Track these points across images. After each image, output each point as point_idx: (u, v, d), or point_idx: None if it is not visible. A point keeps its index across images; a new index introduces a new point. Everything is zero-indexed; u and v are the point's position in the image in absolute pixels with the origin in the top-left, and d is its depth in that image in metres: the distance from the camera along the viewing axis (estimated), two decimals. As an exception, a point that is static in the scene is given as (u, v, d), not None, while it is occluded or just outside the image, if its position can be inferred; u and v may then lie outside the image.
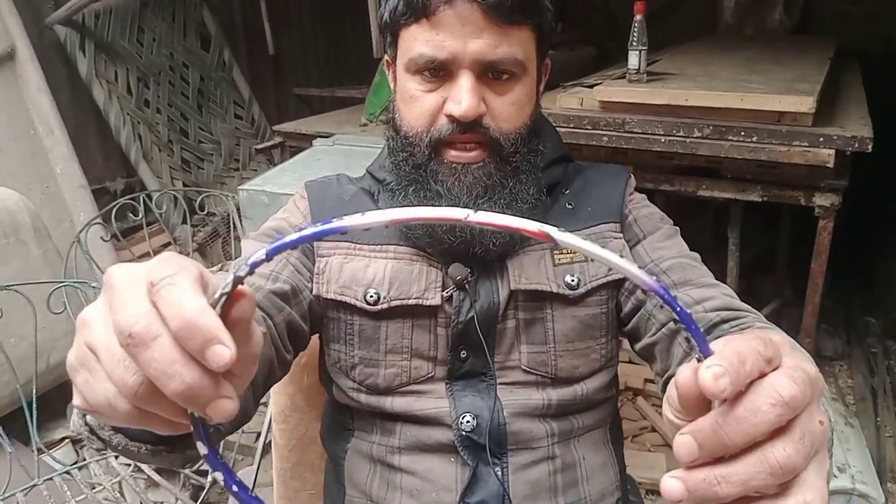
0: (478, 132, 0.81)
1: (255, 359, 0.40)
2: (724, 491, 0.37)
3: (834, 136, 1.92)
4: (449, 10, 0.77)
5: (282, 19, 4.22)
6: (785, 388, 0.37)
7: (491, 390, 0.89)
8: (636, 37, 2.22)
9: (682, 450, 0.38)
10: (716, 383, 0.36)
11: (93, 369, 0.38)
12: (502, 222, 0.38)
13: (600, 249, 0.37)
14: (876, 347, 2.86)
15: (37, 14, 3.03)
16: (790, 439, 0.37)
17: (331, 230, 0.38)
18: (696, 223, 3.22)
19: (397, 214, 0.38)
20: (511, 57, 0.80)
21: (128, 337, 0.35)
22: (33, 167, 2.72)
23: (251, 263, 0.38)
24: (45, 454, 1.75)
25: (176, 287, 0.36)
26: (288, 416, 1.13)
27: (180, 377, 0.35)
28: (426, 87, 0.82)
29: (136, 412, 0.38)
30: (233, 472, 0.41)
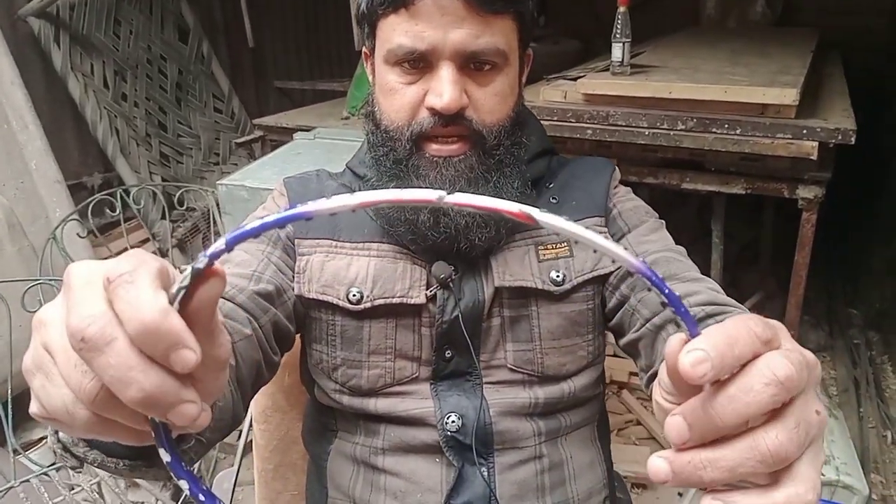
0: (460, 125, 0.79)
1: (221, 364, 0.38)
2: (709, 475, 0.36)
3: (817, 129, 1.92)
4: (428, 0, 0.75)
5: (262, 11, 4.18)
6: (780, 367, 0.35)
7: (477, 390, 0.87)
8: (619, 29, 2.20)
9: (673, 431, 0.36)
10: (693, 369, 0.34)
11: (49, 373, 0.36)
12: (480, 203, 0.36)
13: (584, 230, 0.36)
14: (858, 339, 2.89)
15: (10, 5, 2.96)
16: (784, 426, 0.36)
17: (295, 216, 0.36)
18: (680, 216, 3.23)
19: (365, 198, 0.36)
20: (493, 47, 0.78)
21: (80, 341, 0.33)
22: (7, 162, 2.66)
23: (210, 254, 0.35)
24: (22, 455, 1.71)
25: (134, 285, 0.34)
26: (269, 416, 1.11)
27: (138, 384, 0.33)
28: (406, 79, 0.80)
29: (95, 420, 0.36)
30: (198, 480, 0.39)
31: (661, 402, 0.40)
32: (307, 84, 4.33)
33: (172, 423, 0.35)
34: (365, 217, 0.89)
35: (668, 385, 0.39)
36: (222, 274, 0.36)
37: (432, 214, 0.80)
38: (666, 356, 0.37)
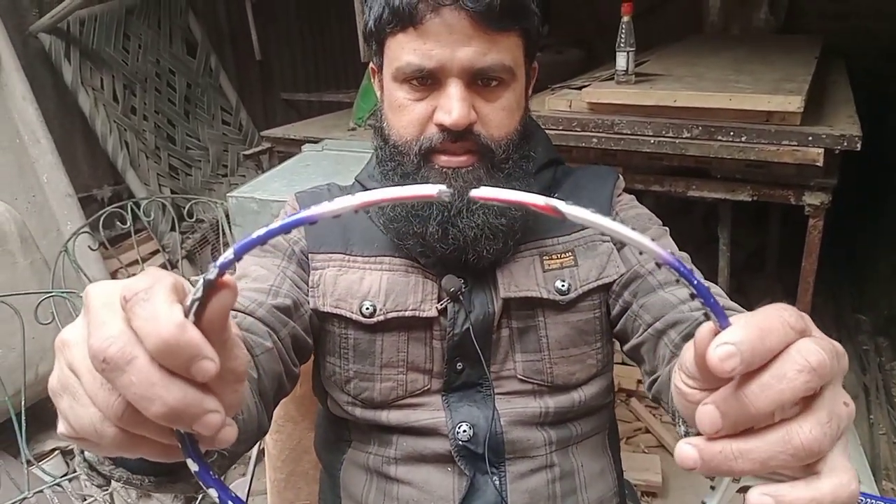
0: (469, 140, 0.80)
1: (239, 377, 0.38)
2: (740, 466, 0.36)
3: (822, 135, 1.93)
4: (436, 19, 0.76)
5: (268, 24, 4.21)
6: (812, 353, 0.35)
7: (488, 401, 0.88)
8: (623, 38, 2.22)
9: (706, 420, 0.36)
10: (722, 364, 0.34)
11: (75, 393, 0.37)
12: (505, 196, 0.36)
13: (610, 222, 0.36)
14: (867, 345, 2.87)
15: (21, 22, 3.00)
16: (817, 420, 0.36)
17: (300, 220, 0.37)
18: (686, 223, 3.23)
19: (366, 197, 0.37)
20: (500, 63, 0.78)
21: (102, 362, 0.34)
22: (19, 176, 2.69)
23: (220, 265, 0.36)
24: (35, 466, 1.73)
25: (150, 302, 0.34)
26: (281, 426, 1.12)
27: (161, 400, 0.34)
28: (414, 95, 0.80)
29: (124, 437, 0.37)
30: (227, 488, 0.40)
31: (681, 387, 0.40)
32: (314, 96, 4.36)
33: (198, 433, 0.36)
34: (376, 231, 0.90)
35: (691, 370, 0.39)
36: (233, 285, 0.36)
37: (440, 226, 0.81)
38: (695, 345, 0.37)
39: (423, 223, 0.82)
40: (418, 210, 0.82)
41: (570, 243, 0.90)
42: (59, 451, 2.23)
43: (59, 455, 2.23)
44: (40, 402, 2.18)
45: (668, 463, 2.23)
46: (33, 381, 1.99)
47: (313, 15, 4.57)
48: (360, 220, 0.92)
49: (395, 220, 0.84)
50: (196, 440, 0.38)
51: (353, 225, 0.91)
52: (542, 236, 0.90)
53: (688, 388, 0.39)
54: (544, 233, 0.90)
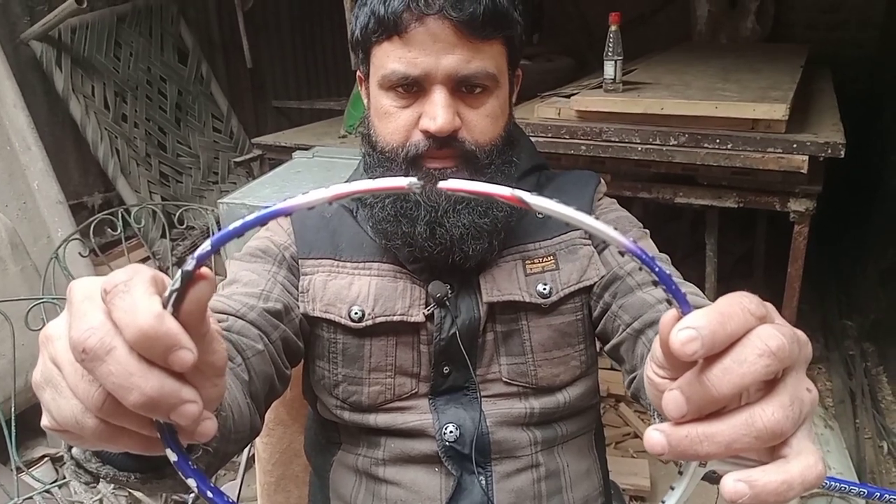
0: (453, 146, 0.81)
1: (218, 371, 0.39)
2: (705, 449, 0.37)
3: (807, 143, 1.96)
4: (420, 28, 0.77)
5: (259, 32, 4.22)
6: (772, 338, 0.36)
7: (474, 403, 0.89)
8: (611, 47, 2.25)
9: (671, 405, 0.37)
10: (683, 347, 0.35)
11: (58, 386, 0.38)
12: (472, 188, 0.37)
13: (573, 212, 0.37)
14: (853, 350, 2.90)
15: (12, 30, 3.00)
16: (779, 403, 0.37)
17: (275, 213, 0.37)
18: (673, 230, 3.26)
19: (339, 189, 0.38)
20: (483, 71, 0.80)
21: (82, 353, 0.35)
22: (10, 183, 2.69)
23: (198, 257, 0.36)
24: (25, 473, 1.72)
25: (129, 294, 0.35)
26: (271, 429, 1.13)
27: (139, 389, 0.34)
28: (400, 102, 0.82)
29: (104, 428, 0.37)
30: (206, 479, 0.40)
31: (652, 377, 0.41)
32: (305, 103, 4.37)
33: (177, 424, 0.37)
34: (365, 237, 0.91)
35: (660, 360, 0.40)
36: (210, 277, 0.37)
37: (428, 226, 0.82)
38: (659, 332, 0.38)
39: (412, 223, 0.83)
40: (407, 210, 0.83)
41: (551, 247, 0.91)
42: (49, 459, 2.23)
43: (49, 462, 2.22)
44: (30, 408, 2.18)
45: (656, 467, 2.25)
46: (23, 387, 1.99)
47: (305, 23, 4.59)
48: (349, 226, 0.93)
49: (384, 220, 0.85)
50: (175, 431, 0.38)
51: (342, 231, 0.92)
52: (524, 241, 0.91)
53: (658, 377, 0.40)
54: (526, 238, 0.92)
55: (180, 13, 3.77)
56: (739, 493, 0.36)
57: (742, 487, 0.37)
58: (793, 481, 0.37)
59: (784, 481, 0.37)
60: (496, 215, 0.85)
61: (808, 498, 1.84)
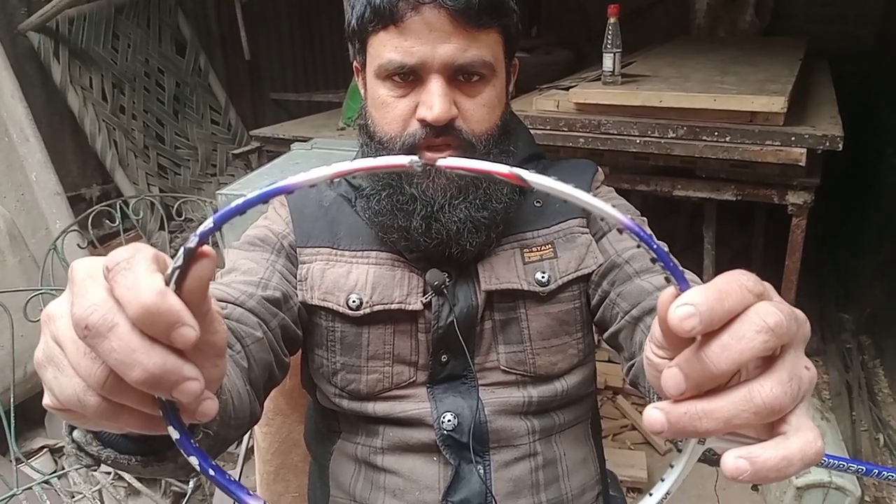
0: (451, 135, 0.81)
1: (218, 351, 0.39)
2: (704, 426, 0.37)
3: (805, 135, 1.96)
4: (416, 17, 0.78)
5: (258, 24, 4.21)
6: (770, 315, 0.36)
7: (472, 392, 0.90)
8: (610, 39, 2.25)
9: (670, 382, 0.37)
10: (681, 323, 0.35)
11: (60, 364, 0.38)
12: (470, 166, 0.37)
13: (571, 189, 0.37)
14: (850, 343, 2.91)
15: (10, 21, 3.00)
16: (778, 379, 0.37)
17: (277, 190, 0.37)
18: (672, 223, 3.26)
19: (341, 167, 0.38)
20: (480, 59, 0.80)
21: (84, 329, 0.35)
22: (8, 175, 2.69)
23: (200, 234, 0.36)
24: (24, 464, 1.73)
25: (131, 271, 0.35)
26: (271, 418, 1.13)
27: (141, 365, 0.34)
28: (397, 92, 0.82)
29: (106, 406, 0.37)
30: (208, 457, 0.40)
31: (652, 357, 0.41)
32: (303, 96, 4.36)
33: (179, 402, 0.37)
34: (363, 225, 0.91)
35: (659, 340, 0.40)
36: (212, 254, 0.37)
37: (424, 221, 0.83)
38: (658, 309, 0.38)
39: (408, 217, 0.83)
40: (403, 204, 0.83)
41: (549, 236, 0.91)
42: (48, 450, 2.23)
43: (48, 453, 2.23)
44: (29, 399, 2.18)
45: (653, 459, 2.26)
46: (22, 378, 1.99)
47: (303, 15, 4.58)
48: (348, 214, 0.93)
49: (380, 213, 0.85)
50: (177, 409, 0.38)
51: (340, 219, 0.93)
52: (522, 229, 0.92)
53: (657, 357, 0.40)
54: (524, 226, 0.92)
55: (178, 4, 3.77)
56: (740, 469, 0.37)
57: (743, 464, 0.37)
58: (792, 457, 0.37)
59: (784, 457, 0.37)
60: (495, 208, 0.85)
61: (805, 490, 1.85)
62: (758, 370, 0.38)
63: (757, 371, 0.38)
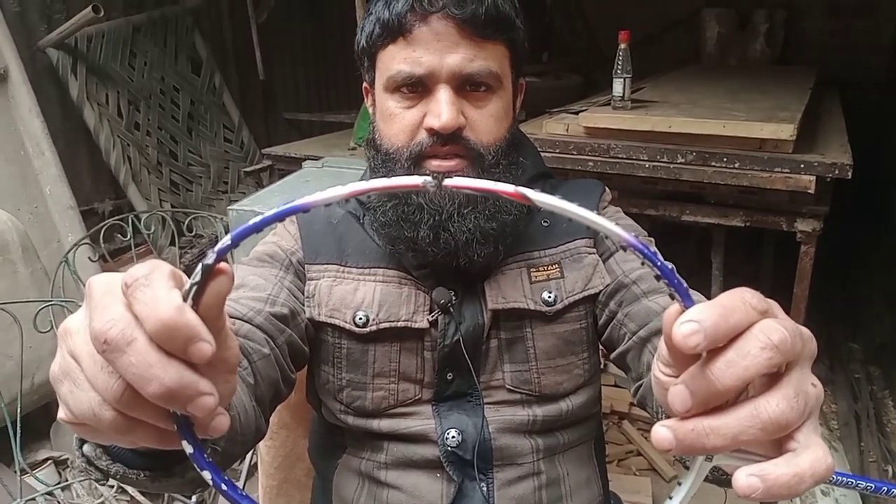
0: (458, 144, 0.82)
1: (230, 367, 0.40)
2: (712, 442, 0.37)
3: (814, 163, 1.96)
4: (424, 27, 0.80)
5: (272, 45, 4.27)
6: (774, 332, 0.36)
7: (477, 410, 0.90)
8: (620, 65, 2.26)
9: (676, 399, 0.37)
10: (685, 340, 0.36)
11: (76, 379, 0.38)
12: (477, 185, 0.38)
13: (576, 207, 0.37)
14: (859, 373, 2.89)
15: (30, 37, 3.05)
16: (784, 395, 0.37)
17: (293, 209, 0.38)
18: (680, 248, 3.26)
19: (356, 187, 0.38)
20: (486, 70, 0.82)
21: (103, 343, 0.35)
22: (23, 187, 2.72)
23: (218, 251, 0.37)
24: (29, 475, 1.73)
25: (150, 287, 0.36)
26: (275, 432, 1.14)
27: (158, 380, 0.35)
28: (405, 103, 0.84)
29: (121, 421, 0.38)
30: (220, 471, 0.40)
31: (659, 376, 0.42)
32: (315, 115, 4.40)
33: (193, 416, 0.37)
34: (371, 243, 0.92)
35: (665, 357, 0.40)
36: (229, 272, 0.38)
37: (432, 230, 0.83)
38: (663, 326, 0.39)
39: (415, 228, 0.84)
40: (409, 214, 0.84)
41: (556, 256, 0.92)
42: (52, 461, 2.23)
43: (52, 465, 2.23)
44: (35, 411, 2.19)
45: (658, 486, 2.24)
46: (29, 389, 2.00)
47: (317, 37, 4.64)
48: (356, 232, 0.94)
49: (387, 224, 0.86)
50: (192, 424, 0.39)
51: (348, 237, 0.93)
52: (530, 249, 0.92)
53: (664, 376, 0.41)
54: (531, 245, 0.92)
55: (195, 24, 3.82)
56: (752, 486, 0.37)
57: (755, 482, 0.37)
58: (803, 474, 0.37)
59: (795, 474, 0.37)
60: (504, 220, 0.85)
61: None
62: (764, 387, 0.38)
63: (764, 388, 0.38)
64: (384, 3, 0.83)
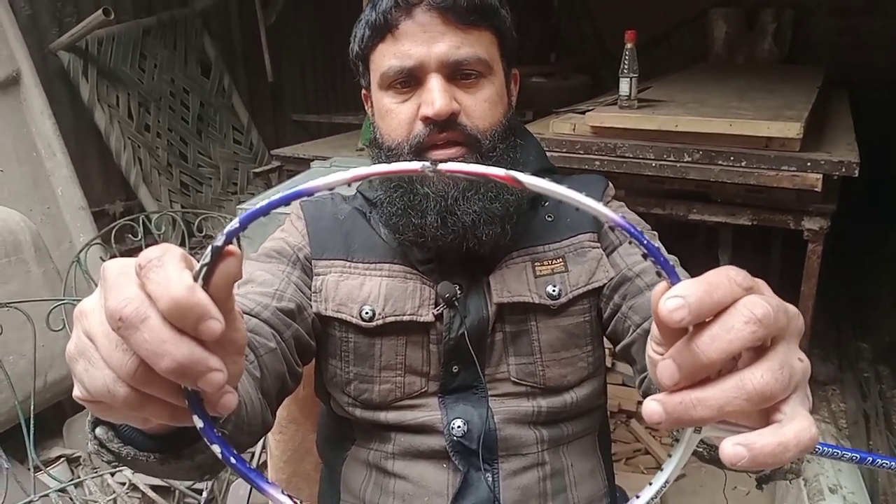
0: (455, 130, 0.84)
1: (238, 348, 0.41)
2: (699, 414, 0.38)
3: (821, 161, 1.97)
4: (409, 21, 0.83)
5: (281, 47, 4.30)
6: (758, 306, 0.37)
7: (483, 401, 0.91)
8: (627, 64, 2.27)
9: (664, 373, 0.39)
10: (671, 314, 0.37)
11: (91, 357, 0.39)
12: (469, 169, 0.39)
13: (565, 190, 0.39)
14: (868, 372, 2.88)
15: (41, 40, 3.08)
16: (768, 367, 0.38)
17: (298, 193, 0.39)
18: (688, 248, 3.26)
19: (358, 171, 0.40)
20: (474, 56, 0.84)
21: (118, 321, 0.37)
22: (35, 189, 2.76)
23: (227, 233, 0.38)
24: (42, 472, 1.75)
25: (162, 268, 0.37)
26: (284, 426, 1.15)
27: (170, 355, 0.36)
28: (399, 98, 0.86)
29: (135, 396, 0.39)
30: (229, 445, 0.42)
31: (652, 355, 0.43)
32: (323, 117, 4.43)
33: (204, 392, 0.39)
34: (377, 238, 0.94)
35: (657, 337, 0.42)
36: (238, 253, 0.40)
37: (439, 216, 0.84)
38: (651, 303, 0.40)
39: (422, 215, 0.85)
40: (416, 203, 0.85)
41: (560, 250, 0.93)
42: (65, 459, 2.26)
43: (65, 462, 2.25)
44: (48, 409, 2.22)
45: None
46: (42, 387, 2.03)
47: (324, 40, 4.66)
48: (362, 228, 0.95)
49: (394, 215, 0.87)
50: (202, 400, 0.40)
51: (354, 232, 0.95)
52: (534, 243, 0.93)
53: (656, 354, 0.42)
54: (535, 240, 0.94)
55: (204, 27, 3.85)
56: (738, 455, 0.38)
57: (740, 450, 0.38)
58: (788, 443, 0.38)
59: (780, 443, 0.38)
60: (507, 199, 0.87)
61: None
62: (751, 361, 0.39)
63: (751, 362, 0.39)
64: (370, 6, 0.86)
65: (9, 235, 2.22)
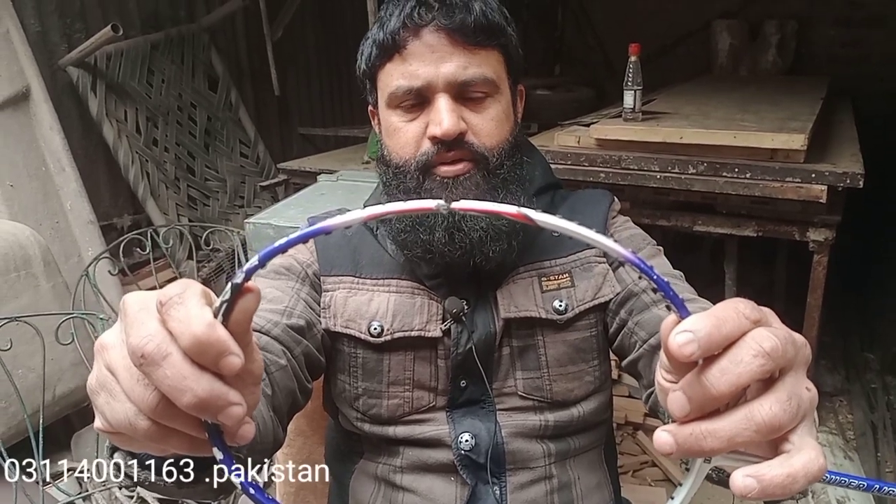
0: (462, 149, 0.85)
1: (255, 379, 0.42)
2: (709, 445, 0.39)
3: (826, 173, 1.97)
4: (417, 41, 0.83)
5: (287, 62, 4.32)
6: (766, 340, 0.38)
7: (490, 416, 0.92)
8: (631, 77, 2.28)
9: (675, 405, 0.40)
10: (681, 349, 0.38)
11: (112, 390, 0.40)
12: (482, 207, 0.41)
13: (576, 226, 0.40)
14: (875, 383, 2.87)
15: (51, 56, 3.11)
16: (776, 398, 0.39)
17: (316, 231, 0.40)
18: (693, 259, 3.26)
19: (373, 210, 0.41)
20: (482, 76, 0.84)
21: (140, 357, 0.38)
22: (44, 203, 2.77)
23: (247, 270, 0.39)
24: (50, 485, 1.76)
25: (183, 305, 0.38)
26: (292, 439, 1.16)
27: (192, 391, 0.37)
28: (407, 117, 0.86)
29: (155, 430, 0.40)
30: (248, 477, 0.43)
31: (661, 381, 0.44)
32: (330, 130, 4.44)
33: (223, 424, 0.40)
34: (385, 254, 0.95)
35: (666, 365, 0.42)
36: (256, 290, 0.40)
37: (446, 232, 0.85)
38: (661, 336, 0.41)
39: (430, 231, 0.86)
40: (423, 219, 0.86)
41: (567, 265, 0.94)
42: (74, 472, 2.26)
43: (74, 476, 2.26)
44: (56, 423, 2.22)
45: (674, 496, 2.23)
46: (51, 401, 2.04)
47: (331, 54, 4.69)
48: (370, 244, 0.96)
49: (402, 231, 0.88)
50: (221, 432, 0.41)
51: (362, 248, 0.96)
52: (540, 258, 0.94)
53: (666, 381, 0.43)
54: (542, 255, 0.94)
55: (212, 42, 3.88)
56: (748, 487, 0.39)
57: (751, 482, 0.39)
58: (797, 474, 0.39)
59: (789, 474, 0.39)
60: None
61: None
62: (760, 392, 0.40)
63: (759, 393, 0.40)
64: (378, 24, 0.86)
65: (19, 250, 2.23)
